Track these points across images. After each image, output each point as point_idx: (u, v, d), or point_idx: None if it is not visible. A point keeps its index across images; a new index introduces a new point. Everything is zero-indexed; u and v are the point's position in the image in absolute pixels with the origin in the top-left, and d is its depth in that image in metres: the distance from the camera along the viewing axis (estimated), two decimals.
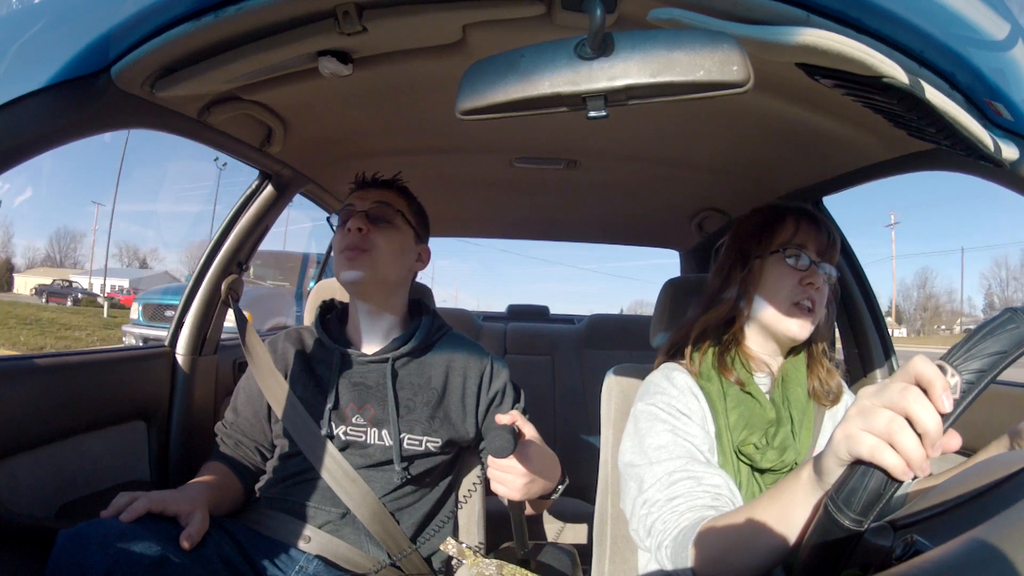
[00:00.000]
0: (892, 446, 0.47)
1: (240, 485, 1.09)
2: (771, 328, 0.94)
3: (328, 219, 1.14)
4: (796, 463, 0.89)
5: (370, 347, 1.11)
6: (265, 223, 1.44)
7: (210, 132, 1.06)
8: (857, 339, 1.44)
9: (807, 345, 0.98)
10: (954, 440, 0.47)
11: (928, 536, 0.51)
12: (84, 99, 0.74)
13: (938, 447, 0.47)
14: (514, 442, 0.77)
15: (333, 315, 1.18)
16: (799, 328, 0.91)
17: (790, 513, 0.58)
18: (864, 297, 1.43)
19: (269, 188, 1.39)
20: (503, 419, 0.83)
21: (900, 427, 0.47)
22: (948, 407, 0.46)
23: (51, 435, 1.05)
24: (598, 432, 1.11)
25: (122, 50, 0.73)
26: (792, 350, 0.98)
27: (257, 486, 1.09)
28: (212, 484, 1.03)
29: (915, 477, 0.48)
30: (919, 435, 0.47)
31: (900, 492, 0.62)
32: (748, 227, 0.99)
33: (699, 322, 0.98)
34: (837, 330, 1.48)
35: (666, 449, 0.84)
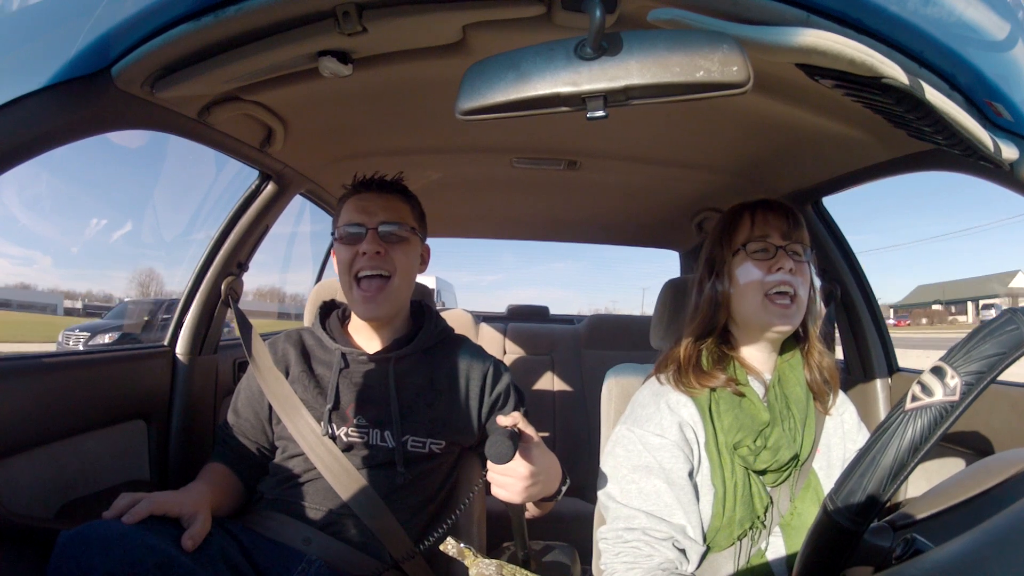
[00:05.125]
0: None
1: (241, 486, 1.09)
2: (755, 327, 0.93)
3: (333, 233, 1.13)
4: (796, 460, 0.89)
5: (371, 347, 1.11)
6: (265, 223, 1.44)
7: (210, 132, 1.06)
8: (857, 340, 1.44)
9: (801, 340, 0.97)
10: None
11: (928, 536, 0.51)
12: (84, 99, 0.74)
13: None
14: (513, 447, 0.77)
15: (334, 315, 1.17)
16: (781, 319, 0.90)
17: None
18: (864, 298, 1.43)
19: (269, 188, 1.39)
20: (505, 420, 0.83)
21: None
22: None
23: (51, 435, 1.05)
24: (598, 432, 1.11)
25: (122, 50, 0.73)
26: (786, 347, 0.97)
27: (259, 487, 1.09)
28: (214, 485, 1.02)
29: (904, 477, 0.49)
30: None
31: (900, 497, 0.62)
32: (713, 235, 0.99)
33: (686, 335, 0.98)
34: (837, 331, 1.48)
35: (636, 486, 0.87)
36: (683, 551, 0.85)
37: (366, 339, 1.13)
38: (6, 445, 0.96)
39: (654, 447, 0.88)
